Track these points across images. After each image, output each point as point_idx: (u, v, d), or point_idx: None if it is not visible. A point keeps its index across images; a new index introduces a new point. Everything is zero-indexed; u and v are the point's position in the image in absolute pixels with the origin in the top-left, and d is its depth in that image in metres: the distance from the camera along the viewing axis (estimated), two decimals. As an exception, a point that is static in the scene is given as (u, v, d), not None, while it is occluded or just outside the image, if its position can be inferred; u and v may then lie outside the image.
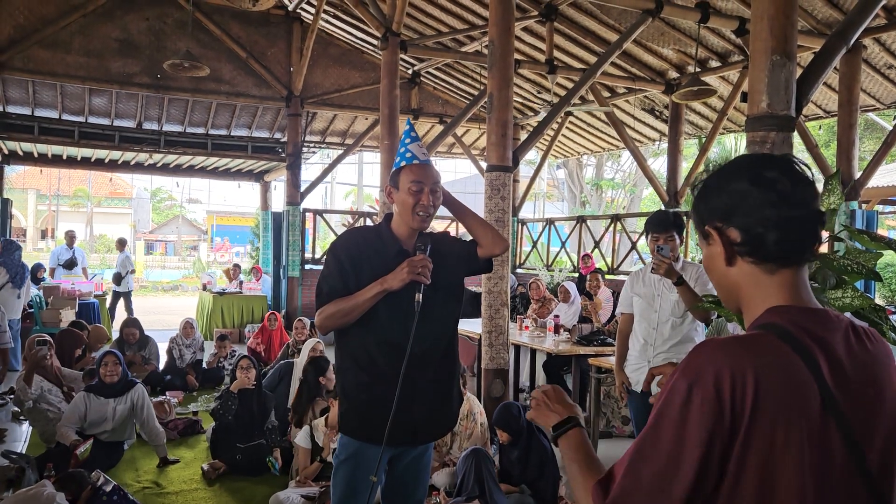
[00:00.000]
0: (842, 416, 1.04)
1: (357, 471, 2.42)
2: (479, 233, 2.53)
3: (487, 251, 2.51)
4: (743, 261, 1.16)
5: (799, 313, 1.11)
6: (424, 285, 2.28)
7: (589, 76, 7.31)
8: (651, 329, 3.80)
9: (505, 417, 4.42)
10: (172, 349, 7.76)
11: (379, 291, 2.27)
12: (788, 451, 1.01)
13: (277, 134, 12.23)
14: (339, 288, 2.33)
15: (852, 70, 7.62)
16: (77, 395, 5.08)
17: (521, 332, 7.00)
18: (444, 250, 2.44)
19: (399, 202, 2.39)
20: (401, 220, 2.41)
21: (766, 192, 1.11)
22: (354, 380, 2.41)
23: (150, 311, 13.66)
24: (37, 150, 12.18)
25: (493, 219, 5.60)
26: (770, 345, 1.06)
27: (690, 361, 1.06)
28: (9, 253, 8.15)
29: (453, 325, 2.53)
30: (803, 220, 1.13)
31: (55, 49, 9.97)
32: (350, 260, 2.36)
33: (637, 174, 21.80)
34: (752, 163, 1.17)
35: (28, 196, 32.46)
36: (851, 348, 1.10)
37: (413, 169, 2.37)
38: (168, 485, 4.65)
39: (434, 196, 2.37)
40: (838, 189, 3.07)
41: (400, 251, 2.38)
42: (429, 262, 2.29)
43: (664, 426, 1.04)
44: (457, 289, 2.54)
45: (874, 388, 1.10)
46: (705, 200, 1.19)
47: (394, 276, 2.27)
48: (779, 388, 1.02)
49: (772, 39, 3.62)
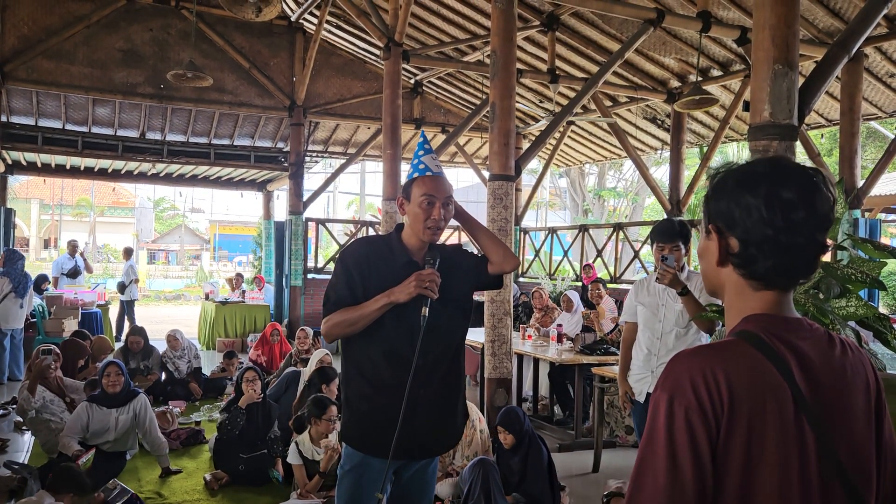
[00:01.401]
0: (814, 416, 1.07)
1: (361, 482, 2.40)
2: (491, 249, 2.50)
3: (498, 268, 2.50)
4: (733, 269, 1.17)
5: (772, 321, 1.13)
6: (432, 299, 2.26)
7: (591, 85, 7.33)
8: (655, 339, 3.79)
9: (509, 419, 4.41)
10: (166, 363, 7.69)
11: (385, 303, 2.27)
12: (765, 450, 1.04)
13: (280, 143, 12.26)
14: (346, 297, 2.33)
15: (854, 79, 7.62)
16: (79, 406, 5.08)
17: (524, 341, 6.99)
18: (453, 264, 2.43)
19: (410, 214, 2.37)
20: (412, 231, 2.39)
21: (774, 215, 1.10)
22: (357, 390, 2.40)
23: (153, 320, 13.65)
24: (40, 160, 12.22)
25: (496, 228, 5.60)
26: (741, 351, 1.09)
27: (668, 374, 1.09)
28: (11, 263, 8.17)
29: (460, 338, 2.50)
30: (803, 249, 1.12)
31: (59, 59, 10.02)
32: (358, 269, 2.35)
33: (639, 183, 21.82)
34: (774, 177, 1.13)
35: (31, 206, 32.57)
36: (824, 355, 1.13)
37: (426, 181, 2.36)
38: (170, 495, 4.64)
39: (446, 210, 2.36)
40: (841, 198, 3.07)
41: (409, 262, 2.36)
42: (437, 276, 2.27)
43: (656, 441, 1.06)
44: (465, 303, 2.51)
45: (846, 391, 1.12)
46: (716, 199, 1.18)
47: (401, 288, 2.26)
48: (750, 389, 1.05)
49: (774, 49, 3.63)
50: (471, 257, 2.57)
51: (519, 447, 4.37)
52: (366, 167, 29.28)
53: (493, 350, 5.65)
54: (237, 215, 32.48)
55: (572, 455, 5.68)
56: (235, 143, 12.02)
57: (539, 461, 4.33)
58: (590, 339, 6.36)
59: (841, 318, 2.94)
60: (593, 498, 4.75)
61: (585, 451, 5.66)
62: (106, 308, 10.53)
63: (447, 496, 4.38)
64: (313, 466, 4.56)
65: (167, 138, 11.51)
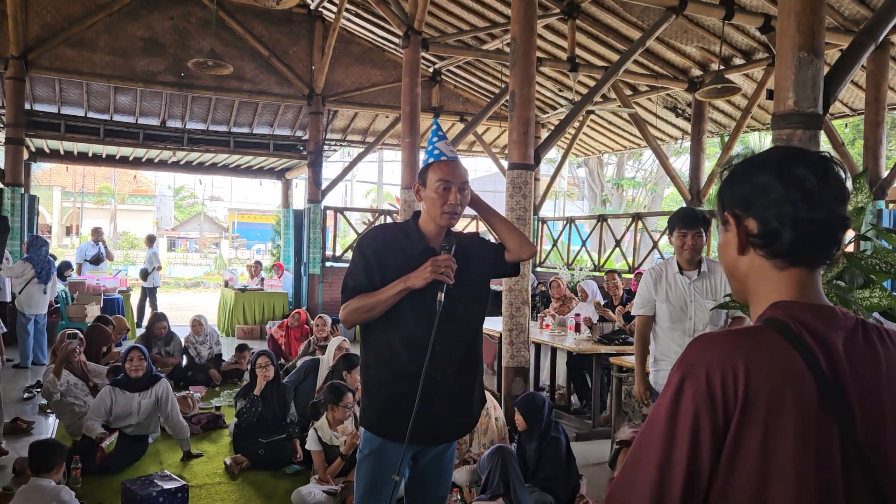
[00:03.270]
0: (840, 409, 1.05)
1: (379, 466, 2.43)
2: (507, 236, 2.51)
3: (515, 255, 2.50)
4: (755, 253, 1.16)
5: (801, 309, 1.11)
6: (448, 285, 2.27)
7: (611, 74, 7.28)
8: (686, 338, 3.61)
9: (525, 402, 4.43)
10: (188, 348, 7.81)
11: (402, 289, 2.28)
12: (783, 444, 1.02)
13: (299, 132, 12.31)
14: (364, 283, 2.34)
15: (880, 67, 7.50)
16: (103, 389, 5.16)
17: (542, 330, 6.99)
18: (470, 251, 2.44)
19: (427, 200, 2.38)
20: (428, 217, 2.40)
21: (790, 190, 1.10)
22: (376, 376, 2.43)
23: (173, 307, 13.79)
24: (63, 148, 12.37)
25: (515, 217, 5.60)
26: (766, 339, 1.07)
27: (686, 355, 1.08)
28: (35, 249, 8.29)
29: (476, 326, 2.51)
30: (823, 224, 1.11)
31: (81, 48, 10.12)
32: (375, 256, 2.36)
33: (658, 173, 21.66)
34: (783, 157, 1.15)
35: (54, 193, 32.96)
36: (857, 345, 1.10)
37: (441, 166, 2.36)
38: (192, 478, 4.71)
39: (462, 194, 2.36)
40: (866, 187, 3.03)
41: (426, 249, 2.37)
42: (453, 261, 2.28)
43: (658, 417, 1.06)
44: (481, 290, 2.52)
45: (877, 385, 1.09)
46: (730, 186, 1.18)
47: (417, 274, 2.27)
48: (772, 380, 1.03)
49: (799, 36, 3.58)
50: (487, 245, 2.57)
51: (533, 433, 4.37)
52: (384, 156, 29.30)
53: (511, 339, 5.66)
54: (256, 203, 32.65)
55: (589, 444, 5.68)
56: (255, 132, 12.09)
57: (556, 450, 4.33)
58: (608, 329, 6.35)
59: (864, 308, 2.91)
60: (610, 487, 4.76)
61: (603, 441, 5.67)
62: (127, 294, 10.66)
63: (465, 482, 4.41)
64: (333, 451, 4.61)
65: (187, 126, 11.60)
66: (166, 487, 4.07)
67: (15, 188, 9.52)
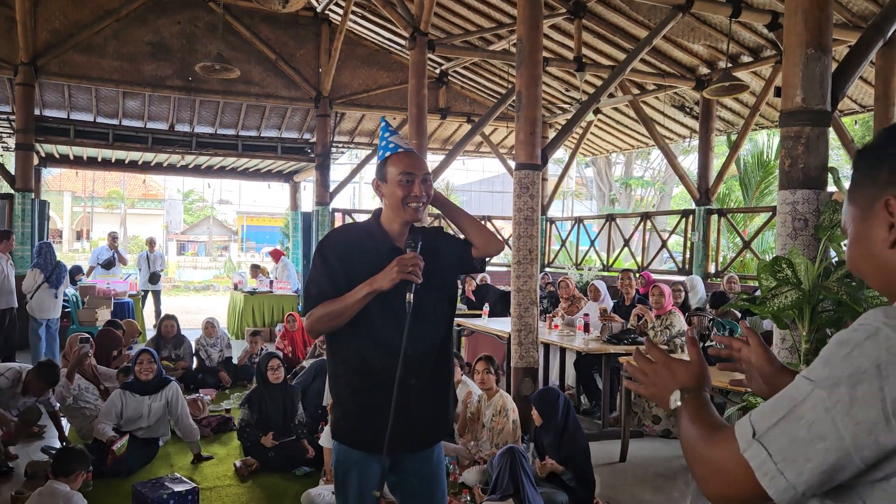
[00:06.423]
0: None
1: (357, 481, 2.28)
2: (474, 233, 2.37)
3: (482, 252, 2.37)
4: None
5: None
6: (416, 284, 2.15)
7: (618, 73, 7.26)
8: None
9: (541, 396, 4.46)
10: (199, 351, 7.84)
11: (369, 292, 2.14)
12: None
13: (306, 135, 12.34)
14: (329, 290, 2.20)
15: (889, 63, 7.45)
16: (113, 393, 5.19)
17: (551, 330, 6.97)
18: (436, 247, 2.32)
19: (388, 195, 2.25)
20: (392, 213, 2.27)
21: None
22: (347, 385, 2.29)
23: (183, 310, 13.84)
24: (72, 153, 12.45)
25: (522, 217, 5.59)
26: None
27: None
28: (42, 256, 8.32)
29: (447, 326, 2.39)
30: None
31: (90, 53, 10.19)
32: (339, 260, 2.23)
33: (667, 172, 21.58)
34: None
35: (64, 198, 33.18)
36: None
37: (401, 157, 2.23)
38: (202, 481, 4.72)
39: (426, 185, 2.23)
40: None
41: (393, 248, 2.24)
42: (419, 259, 2.15)
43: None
44: (450, 289, 2.43)
45: None
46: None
47: (383, 275, 2.13)
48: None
49: (806, 33, 3.57)
50: (453, 241, 2.44)
51: (549, 427, 4.37)
52: (391, 158, 29.28)
53: (520, 339, 5.65)
54: (265, 206, 32.76)
55: (599, 445, 5.66)
56: (262, 135, 12.13)
57: (573, 446, 4.33)
58: (616, 329, 6.33)
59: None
60: (620, 487, 4.75)
61: (612, 441, 5.64)
62: (138, 298, 10.71)
63: (475, 483, 4.41)
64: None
65: (195, 130, 11.65)
66: (177, 490, 4.09)
67: (25, 193, 9.59)
